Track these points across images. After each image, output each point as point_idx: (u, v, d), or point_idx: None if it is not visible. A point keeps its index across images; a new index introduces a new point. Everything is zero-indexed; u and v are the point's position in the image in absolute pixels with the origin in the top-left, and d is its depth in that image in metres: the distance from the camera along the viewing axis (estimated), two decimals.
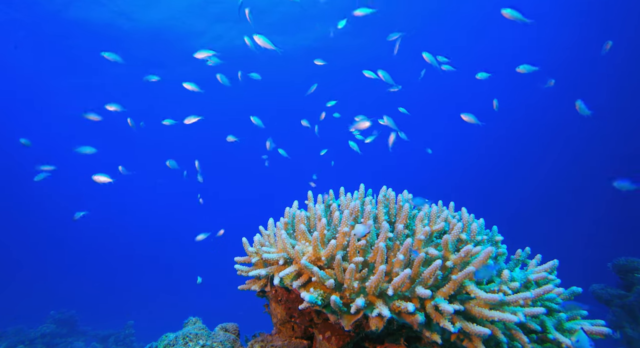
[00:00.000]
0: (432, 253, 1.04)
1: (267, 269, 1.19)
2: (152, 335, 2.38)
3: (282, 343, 1.23)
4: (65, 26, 9.23)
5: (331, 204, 1.33)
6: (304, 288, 1.04)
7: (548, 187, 16.23)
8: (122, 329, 7.07)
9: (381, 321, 0.94)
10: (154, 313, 11.03)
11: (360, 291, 0.99)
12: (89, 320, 7.39)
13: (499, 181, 17.67)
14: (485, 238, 1.20)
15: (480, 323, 0.94)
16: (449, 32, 10.60)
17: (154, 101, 13.46)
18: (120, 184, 20.37)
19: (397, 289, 0.95)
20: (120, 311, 9.48)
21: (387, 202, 1.28)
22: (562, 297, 1.13)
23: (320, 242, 1.09)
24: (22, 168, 18.24)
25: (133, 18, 9.13)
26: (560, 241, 14.41)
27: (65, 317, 6.69)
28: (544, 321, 1.04)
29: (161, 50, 10.36)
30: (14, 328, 6.11)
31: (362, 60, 11.07)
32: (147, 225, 20.77)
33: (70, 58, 10.69)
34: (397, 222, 1.20)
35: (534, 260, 1.22)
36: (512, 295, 0.96)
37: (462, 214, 1.26)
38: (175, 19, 9.21)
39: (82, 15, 8.93)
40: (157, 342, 1.34)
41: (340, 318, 0.99)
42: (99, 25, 9.20)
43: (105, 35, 9.52)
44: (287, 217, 1.30)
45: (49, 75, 11.70)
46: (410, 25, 9.84)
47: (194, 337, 1.29)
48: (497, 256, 1.22)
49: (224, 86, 3.89)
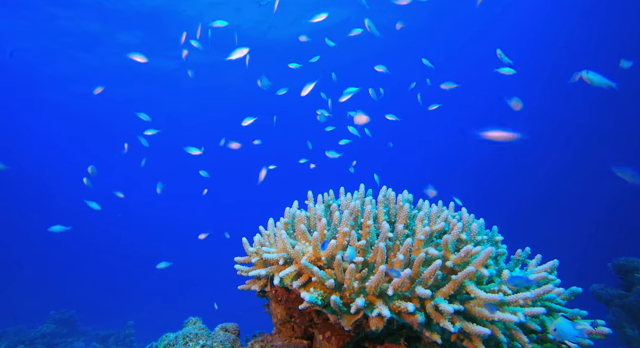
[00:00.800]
0: (432, 253, 1.04)
1: (267, 269, 1.19)
2: (152, 335, 2.38)
3: (282, 343, 1.23)
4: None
5: (331, 204, 1.33)
6: (304, 288, 1.04)
7: (548, 187, 16.23)
8: (122, 329, 7.07)
9: (381, 321, 0.94)
10: (154, 313, 11.04)
11: (360, 291, 0.99)
12: (89, 320, 7.39)
13: (499, 181, 17.67)
14: (485, 238, 1.20)
15: (480, 323, 0.94)
16: (449, 32, 10.60)
17: (154, 101, 13.48)
18: (120, 184, 20.38)
19: (397, 289, 0.95)
20: (120, 311, 9.48)
21: (387, 202, 1.28)
22: (562, 297, 1.13)
23: (320, 242, 1.09)
24: (22, 168, 18.27)
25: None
26: (560, 241, 14.41)
27: (65, 317, 6.69)
28: (544, 321, 1.04)
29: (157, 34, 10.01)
30: (14, 328, 6.11)
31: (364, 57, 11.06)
32: (147, 225, 20.79)
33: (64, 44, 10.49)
34: (397, 222, 1.20)
35: (534, 260, 1.22)
36: (512, 295, 0.96)
37: (462, 214, 1.26)
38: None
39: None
40: (157, 342, 1.34)
41: (340, 318, 0.99)
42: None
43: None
44: (287, 217, 1.30)
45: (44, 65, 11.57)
46: (410, 25, 9.84)
47: (194, 337, 1.29)
48: (497, 256, 1.22)
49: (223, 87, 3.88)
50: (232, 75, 12.10)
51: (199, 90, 13.17)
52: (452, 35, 10.73)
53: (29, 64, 10.91)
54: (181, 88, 12.70)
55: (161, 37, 9.96)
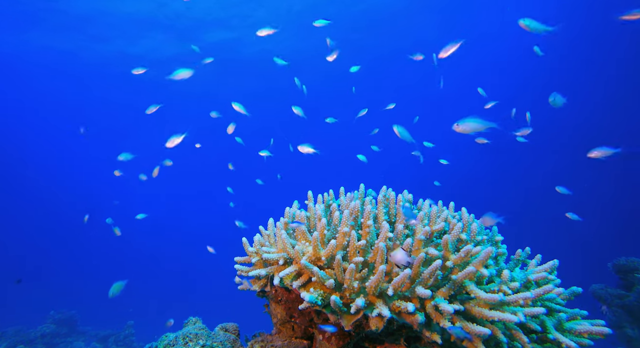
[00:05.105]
0: (432, 254, 1.04)
1: (267, 269, 1.19)
2: (152, 335, 2.38)
3: (282, 343, 1.23)
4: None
5: (331, 204, 1.33)
6: (304, 288, 1.04)
7: (548, 186, 16.19)
8: (122, 329, 7.07)
9: (381, 321, 0.94)
10: (154, 313, 11.03)
11: (360, 291, 0.99)
12: (89, 320, 7.38)
13: (499, 181, 17.67)
14: (485, 238, 1.20)
15: (480, 323, 0.94)
16: (448, 33, 10.60)
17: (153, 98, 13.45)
18: (120, 184, 20.37)
19: (397, 289, 0.95)
20: (121, 311, 9.47)
21: (387, 202, 1.28)
22: (562, 297, 1.13)
23: (320, 242, 1.09)
24: (22, 168, 18.26)
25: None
26: (560, 241, 14.40)
27: (65, 317, 6.69)
28: (544, 321, 1.04)
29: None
30: (14, 328, 6.11)
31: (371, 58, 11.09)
32: (147, 225, 20.76)
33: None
34: (397, 222, 1.20)
35: (534, 260, 1.22)
36: (512, 295, 0.96)
37: (462, 214, 1.26)
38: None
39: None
40: (157, 342, 1.33)
41: (340, 318, 0.99)
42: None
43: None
44: (287, 217, 1.30)
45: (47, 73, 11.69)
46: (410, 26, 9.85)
47: (194, 337, 1.29)
48: (497, 256, 1.22)
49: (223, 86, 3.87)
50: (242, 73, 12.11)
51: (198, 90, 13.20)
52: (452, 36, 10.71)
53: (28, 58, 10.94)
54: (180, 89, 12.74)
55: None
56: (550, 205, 16.31)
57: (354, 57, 10.90)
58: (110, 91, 13.07)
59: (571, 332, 1.04)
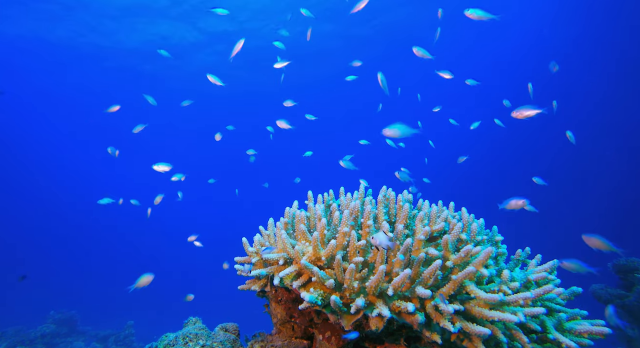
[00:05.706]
0: (432, 253, 1.04)
1: (267, 269, 1.19)
2: (152, 335, 2.38)
3: (282, 343, 1.23)
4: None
5: (331, 204, 1.33)
6: (304, 288, 1.04)
7: (548, 186, 16.18)
8: (122, 329, 7.07)
9: (381, 321, 0.94)
10: (154, 313, 11.03)
11: (360, 291, 0.99)
12: (89, 320, 7.38)
13: (499, 181, 17.66)
14: (485, 238, 1.20)
15: (480, 323, 0.94)
16: (449, 32, 10.59)
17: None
18: (121, 183, 20.33)
19: (397, 289, 0.95)
20: (121, 311, 9.47)
21: (387, 202, 1.28)
22: (562, 297, 1.13)
23: (320, 242, 1.09)
24: (22, 168, 18.26)
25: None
26: (560, 241, 14.40)
27: (65, 317, 6.69)
28: (544, 321, 1.04)
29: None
30: (14, 328, 6.11)
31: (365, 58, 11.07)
32: (147, 225, 20.75)
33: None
34: (397, 222, 1.20)
35: (534, 260, 1.22)
36: (512, 295, 0.95)
37: (462, 214, 1.26)
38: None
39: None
40: (157, 342, 1.34)
41: (340, 318, 0.99)
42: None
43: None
44: (287, 217, 1.30)
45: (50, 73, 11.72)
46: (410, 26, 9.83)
47: (194, 337, 1.29)
48: (497, 256, 1.22)
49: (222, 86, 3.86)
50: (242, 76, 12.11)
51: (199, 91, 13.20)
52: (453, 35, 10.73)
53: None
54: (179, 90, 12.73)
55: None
56: (550, 205, 16.31)
57: (355, 53, 10.93)
58: (110, 87, 13.04)
59: (571, 332, 1.04)
